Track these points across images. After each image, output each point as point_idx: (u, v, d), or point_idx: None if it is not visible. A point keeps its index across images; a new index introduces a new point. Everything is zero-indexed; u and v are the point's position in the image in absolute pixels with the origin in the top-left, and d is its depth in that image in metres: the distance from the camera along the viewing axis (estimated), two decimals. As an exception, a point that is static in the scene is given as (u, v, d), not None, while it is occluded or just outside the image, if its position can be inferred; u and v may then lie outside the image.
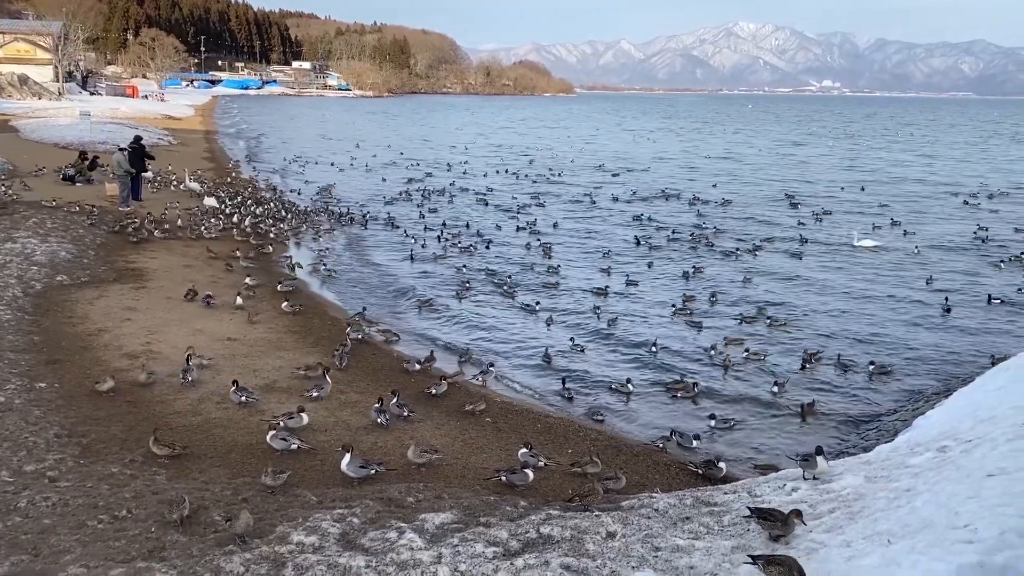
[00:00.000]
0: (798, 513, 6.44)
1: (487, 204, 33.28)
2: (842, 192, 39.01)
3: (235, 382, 10.87)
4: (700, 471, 9.70)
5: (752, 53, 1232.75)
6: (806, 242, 25.47)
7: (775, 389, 12.68)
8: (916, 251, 24.00)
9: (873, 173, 48.65)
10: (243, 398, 10.70)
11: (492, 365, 12.69)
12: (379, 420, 10.54)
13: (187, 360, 11.70)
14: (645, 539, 6.90)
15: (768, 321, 16.70)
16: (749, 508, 6.90)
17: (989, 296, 18.85)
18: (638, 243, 25.16)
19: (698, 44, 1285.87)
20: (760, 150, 67.00)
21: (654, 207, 33.50)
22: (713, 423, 11.52)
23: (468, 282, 19.16)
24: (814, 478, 7.70)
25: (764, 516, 6.59)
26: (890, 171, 50.30)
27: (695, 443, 10.66)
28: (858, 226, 27.39)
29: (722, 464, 9.74)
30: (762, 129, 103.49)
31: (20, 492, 7.78)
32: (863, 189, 40.00)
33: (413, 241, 24.72)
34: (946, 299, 18.61)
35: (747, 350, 14.70)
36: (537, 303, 17.73)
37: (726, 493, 8.05)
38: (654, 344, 14.65)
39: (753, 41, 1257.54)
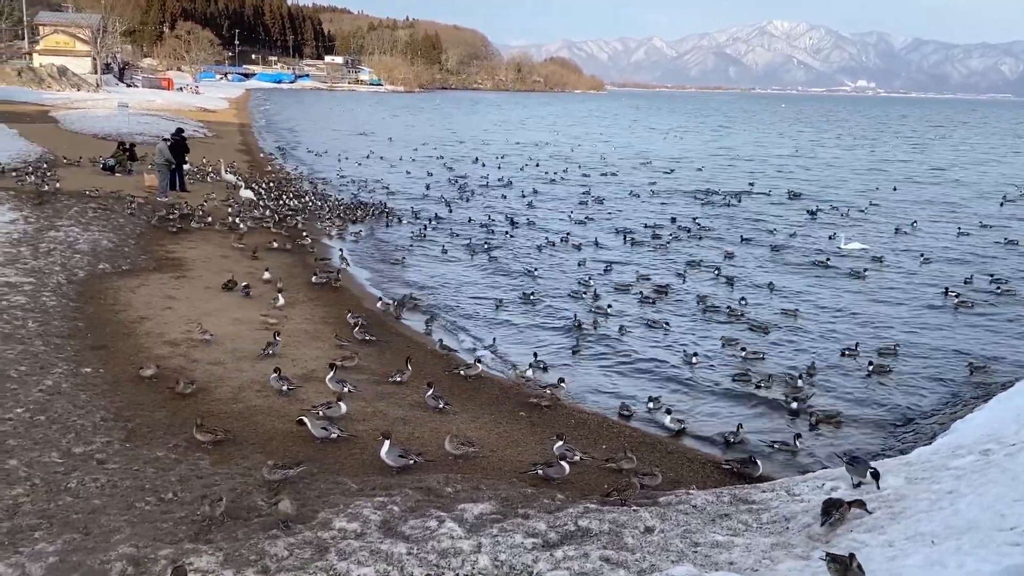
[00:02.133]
0: (860, 503, 6.53)
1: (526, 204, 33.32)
2: (876, 192, 38.68)
3: (277, 369, 11.04)
4: (736, 469, 9.68)
5: (786, 52, 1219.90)
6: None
7: (794, 404, 12.26)
8: (922, 258, 23.40)
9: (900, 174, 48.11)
10: (285, 387, 10.87)
11: (563, 380, 12.53)
12: (439, 405, 10.87)
13: (275, 335, 12.62)
14: (684, 534, 6.93)
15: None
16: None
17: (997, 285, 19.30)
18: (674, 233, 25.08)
19: (731, 42, 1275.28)
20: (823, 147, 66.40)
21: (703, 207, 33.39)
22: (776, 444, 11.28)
23: (532, 294, 18.32)
24: (858, 484, 7.62)
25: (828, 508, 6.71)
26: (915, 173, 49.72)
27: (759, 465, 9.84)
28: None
29: (759, 462, 9.72)
30: (818, 129, 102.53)
31: (70, 473, 7.98)
32: (895, 189, 39.80)
33: (452, 238, 24.80)
34: (957, 295, 18.80)
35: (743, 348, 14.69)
36: (666, 322, 16.65)
37: (764, 491, 8.05)
38: (694, 355, 14.50)
39: (787, 40, 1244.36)
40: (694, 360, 14.14)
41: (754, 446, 10.84)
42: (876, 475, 7.61)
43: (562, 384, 12.22)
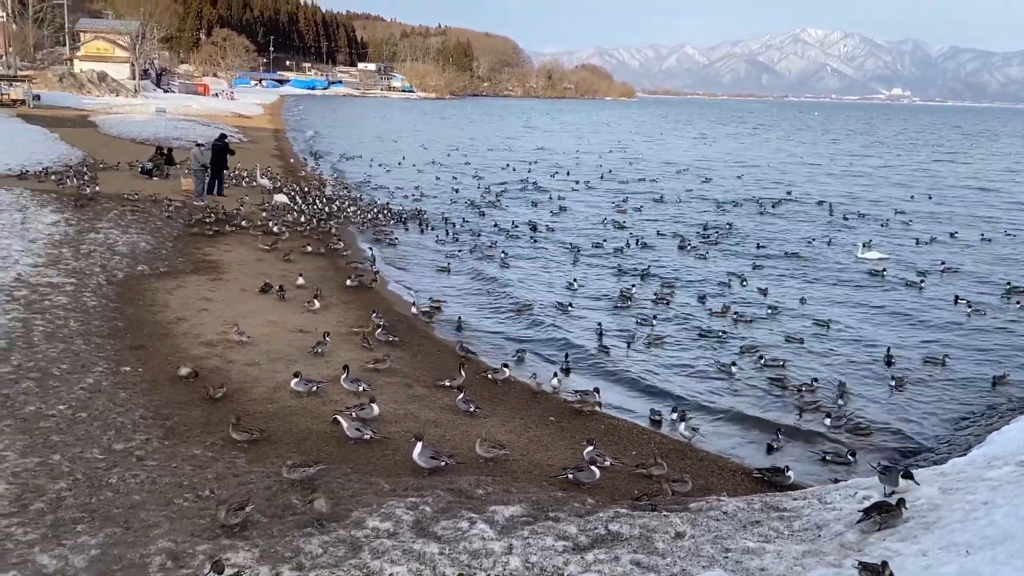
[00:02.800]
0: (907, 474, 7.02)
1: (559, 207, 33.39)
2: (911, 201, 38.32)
3: (297, 373, 11.18)
4: (767, 477, 9.65)
5: (819, 60, 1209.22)
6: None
7: (827, 421, 12.01)
8: (942, 266, 23.04)
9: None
10: (314, 388, 11.01)
11: (597, 390, 12.58)
12: (469, 409, 10.98)
13: (324, 336, 13.12)
14: (715, 540, 6.94)
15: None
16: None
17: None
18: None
19: (764, 49, 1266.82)
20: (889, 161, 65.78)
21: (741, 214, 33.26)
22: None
23: (570, 304, 18.08)
24: (890, 493, 7.58)
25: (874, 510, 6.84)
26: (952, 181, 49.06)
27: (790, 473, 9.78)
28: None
29: (791, 472, 9.68)
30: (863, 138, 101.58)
31: (111, 469, 8.17)
32: (930, 198, 39.46)
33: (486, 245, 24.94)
34: (968, 303, 18.71)
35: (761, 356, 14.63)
36: (723, 332, 16.51)
37: (796, 499, 8.03)
38: (732, 363, 14.38)
39: (821, 47, 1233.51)
40: (733, 369, 14.05)
41: (796, 455, 10.86)
42: (909, 475, 7.64)
43: (597, 393, 12.23)
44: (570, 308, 17.66)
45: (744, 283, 20.41)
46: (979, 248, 26.90)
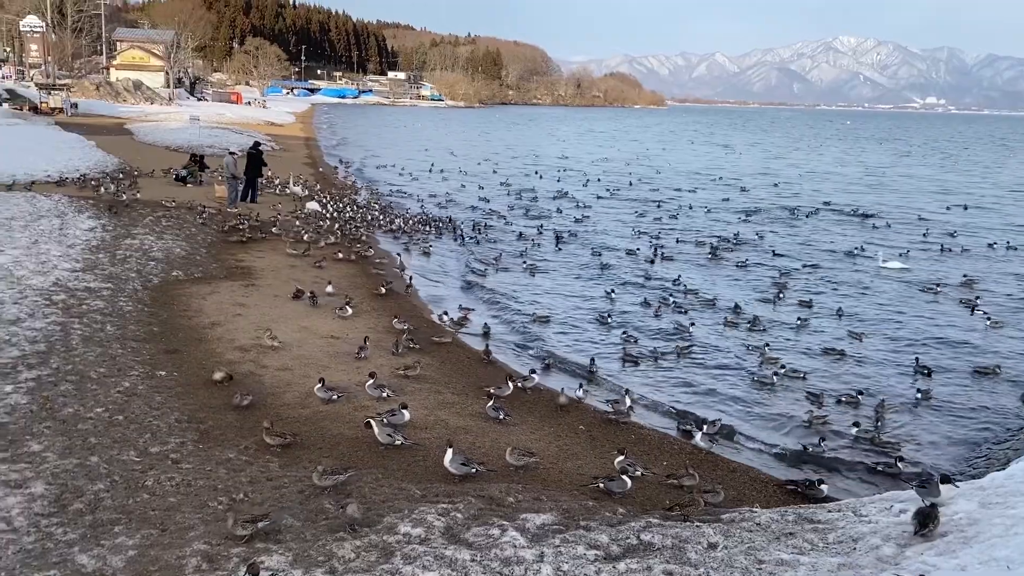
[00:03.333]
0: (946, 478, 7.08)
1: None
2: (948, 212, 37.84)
3: (321, 380, 11.24)
4: (800, 490, 9.56)
5: (852, 68, 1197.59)
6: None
7: (853, 430, 11.84)
8: (964, 278, 22.64)
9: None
10: (334, 396, 11.04)
11: (628, 391, 12.53)
12: (499, 416, 11.00)
13: (364, 340, 13.41)
14: (748, 551, 6.88)
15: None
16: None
17: None
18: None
19: (796, 58, 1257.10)
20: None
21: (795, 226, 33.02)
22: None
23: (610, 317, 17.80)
24: (931, 505, 7.46)
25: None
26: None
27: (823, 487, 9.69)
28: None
29: (824, 485, 9.58)
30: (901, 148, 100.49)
31: (147, 471, 8.29)
32: (966, 208, 38.93)
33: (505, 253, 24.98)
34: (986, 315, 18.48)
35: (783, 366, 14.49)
36: (767, 345, 16.02)
37: (830, 511, 7.94)
38: (775, 373, 14.16)
39: (853, 56, 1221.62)
40: (775, 379, 13.91)
41: (842, 464, 10.87)
42: (948, 479, 7.64)
43: (628, 396, 12.20)
44: (609, 318, 17.52)
45: (781, 295, 20.11)
46: (1004, 258, 26.45)
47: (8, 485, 7.68)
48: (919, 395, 13.36)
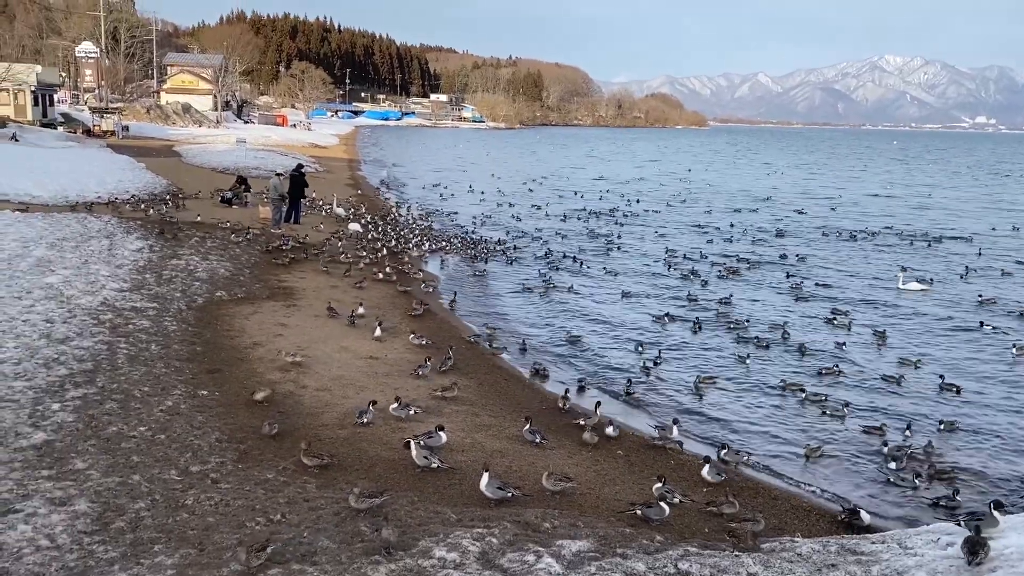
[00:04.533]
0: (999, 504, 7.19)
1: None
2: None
3: (397, 399, 11.48)
4: (843, 519, 9.34)
5: (898, 87, 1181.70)
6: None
7: (892, 465, 11.38)
8: (979, 299, 22.07)
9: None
10: (411, 412, 11.24)
11: (676, 422, 12.41)
12: (536, 440, 10.94)
13: (426, 360, 13.74)
14: (788, 583, 6.72)
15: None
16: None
17: None
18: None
19: (840, 77, 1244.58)
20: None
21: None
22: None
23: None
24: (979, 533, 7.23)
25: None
26: None
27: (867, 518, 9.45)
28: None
29: (866, 515, 9.35)
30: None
31: (187, 490, 8.39)
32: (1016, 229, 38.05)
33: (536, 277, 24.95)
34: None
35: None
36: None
37: (874, 543, 7.73)
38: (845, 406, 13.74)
39: (900, 75, 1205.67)
40: (843, 412, 13.41)
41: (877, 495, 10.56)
42: (1000, 505, 7.58)
43: (676, 426, 12.05)
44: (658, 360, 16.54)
45: (840, 318, 19.60)
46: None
47: (53, 503, 7.82)
48: (941, 426, 12.84)
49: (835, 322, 18.79)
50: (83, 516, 7.64)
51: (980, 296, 22.20)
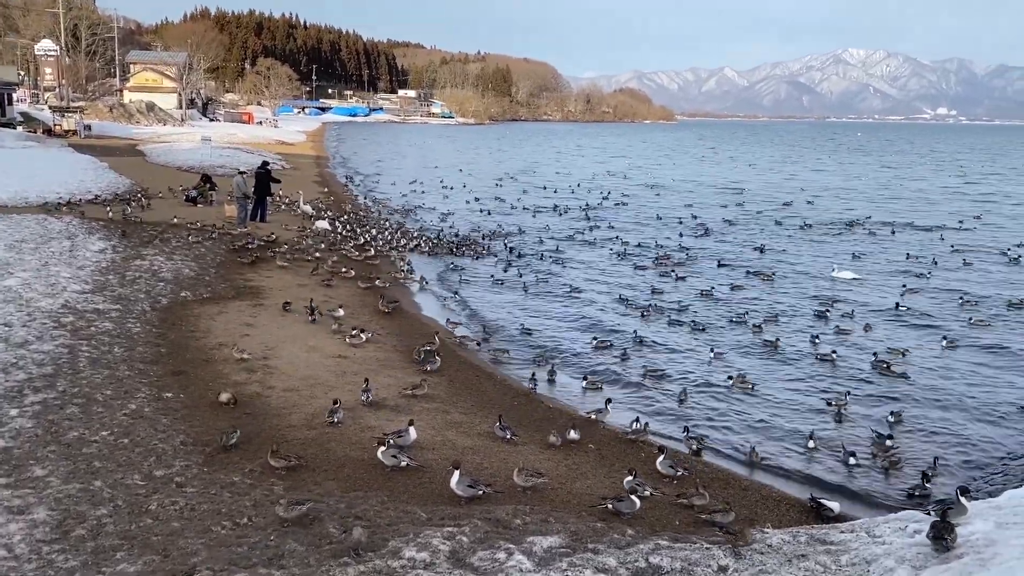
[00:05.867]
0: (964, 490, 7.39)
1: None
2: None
3: (366, 380, 11.80)
4: (813, 508, 9.40)
5: (861, 80, 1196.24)
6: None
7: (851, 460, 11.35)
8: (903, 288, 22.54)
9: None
10: (334, 419, 10.85)
11: (647, 425, 12.41)
12: (507, 436, 10.89)
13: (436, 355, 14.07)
14: (759, 575, 6.74)
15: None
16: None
17: None
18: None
19: (805, 71, 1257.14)
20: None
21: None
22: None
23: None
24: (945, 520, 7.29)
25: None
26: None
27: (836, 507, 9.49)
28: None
29: (834, 503, 9.42)
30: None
31: (151, 496, 8.23)
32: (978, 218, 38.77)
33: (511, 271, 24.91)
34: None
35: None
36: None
37: (843, 532, 7.78)
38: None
39: (863, 68, 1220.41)
40: (845, 403, 13.42)
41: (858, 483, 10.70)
42: (966, 491, 7.68)
43: (641, 425, 12.07)
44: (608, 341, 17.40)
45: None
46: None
47: (11, 511, 7.63)
48: (891, 417, 12.83)
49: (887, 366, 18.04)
50: (42, 524, 7.46)
51: (904, 286, 22.73)
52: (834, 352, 16.12)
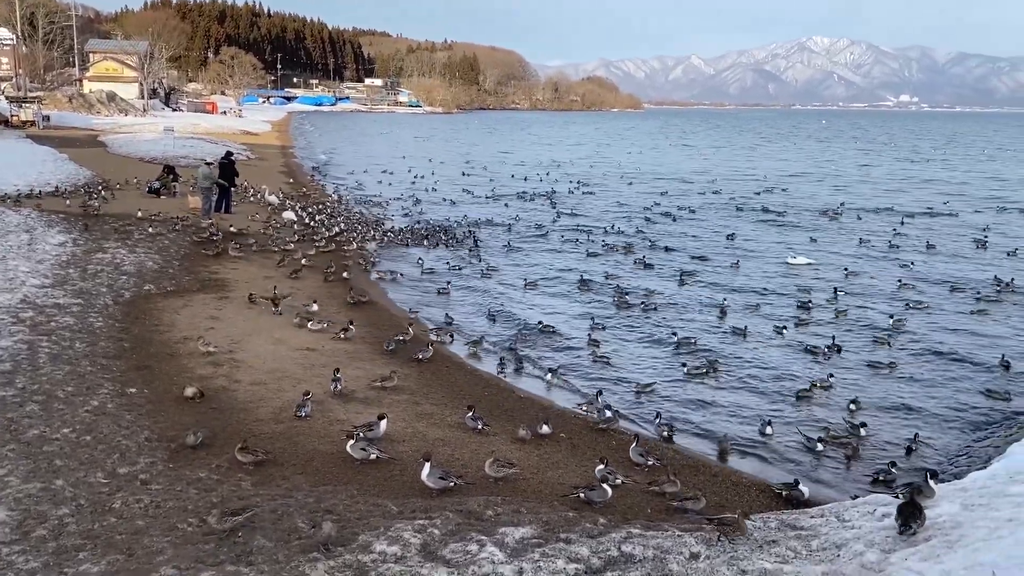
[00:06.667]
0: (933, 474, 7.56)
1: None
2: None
3: (336, 370, 11.81)
4: (782, 493, 9.46)
5: (826, 68, 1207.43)
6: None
7: (819, 447, 11.33)
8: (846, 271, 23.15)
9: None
10: (302, 413, 10.70)
11: (618, 413, 12.39)
12: (478, 427, 10.82)
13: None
14: (730, 561, 6.76)
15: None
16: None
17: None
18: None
19: (770, 59, 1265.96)
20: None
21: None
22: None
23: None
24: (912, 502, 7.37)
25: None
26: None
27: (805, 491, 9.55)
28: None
29: (804, 488, 9.49)
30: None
31: (115, 493, 8.06)
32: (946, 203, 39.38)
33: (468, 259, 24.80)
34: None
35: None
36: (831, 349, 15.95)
37: (812, 517, 7.84)
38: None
39: (827, 55, 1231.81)
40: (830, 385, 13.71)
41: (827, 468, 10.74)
42: (935, 474, 7.84)
43: (604, 403, 12.10)
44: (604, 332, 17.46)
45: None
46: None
47: (-32, 513, 7.43)
48: (851, 404, 12.94)
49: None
50: (1, 525, 7.27)
51: (846, 269, 23.34)
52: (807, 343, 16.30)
